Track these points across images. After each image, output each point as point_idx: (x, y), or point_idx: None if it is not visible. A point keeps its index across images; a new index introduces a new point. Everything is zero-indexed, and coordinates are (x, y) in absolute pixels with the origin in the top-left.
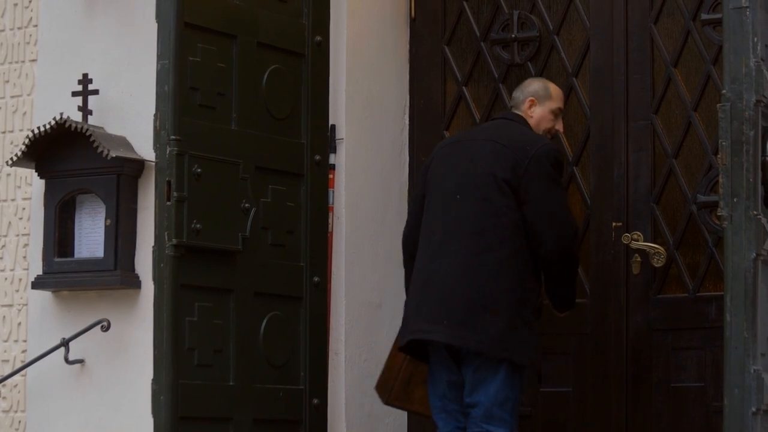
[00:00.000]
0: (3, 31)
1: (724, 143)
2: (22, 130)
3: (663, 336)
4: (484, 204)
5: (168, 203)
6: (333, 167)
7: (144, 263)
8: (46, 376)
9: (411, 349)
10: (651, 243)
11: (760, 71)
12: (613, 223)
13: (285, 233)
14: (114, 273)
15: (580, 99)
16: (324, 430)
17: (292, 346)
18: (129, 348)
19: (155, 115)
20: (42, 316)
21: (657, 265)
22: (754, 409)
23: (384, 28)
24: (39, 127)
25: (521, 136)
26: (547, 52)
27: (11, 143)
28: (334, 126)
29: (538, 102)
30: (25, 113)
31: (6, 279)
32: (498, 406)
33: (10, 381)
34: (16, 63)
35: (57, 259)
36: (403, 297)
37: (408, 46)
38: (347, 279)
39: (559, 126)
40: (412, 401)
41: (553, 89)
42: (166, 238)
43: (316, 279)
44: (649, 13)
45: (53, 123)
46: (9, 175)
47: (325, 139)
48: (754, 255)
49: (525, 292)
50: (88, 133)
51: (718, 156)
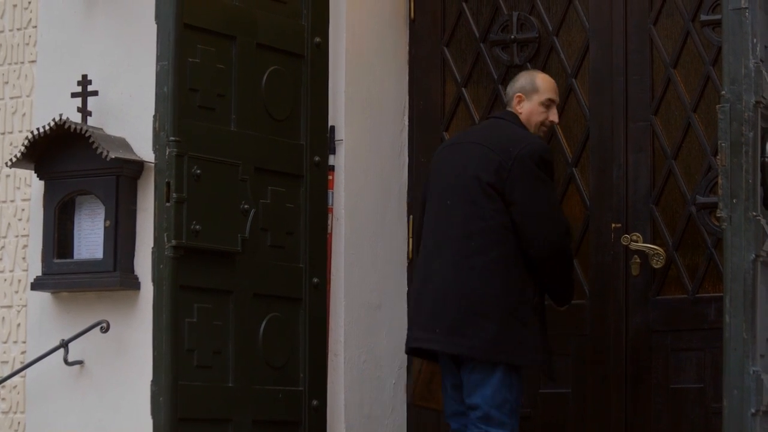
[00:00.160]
0: (2, 32)
1: (723, 144)
2: (21, 132)
3: (662, 337)
4: (472, 208)
5: (167, 204)
6: (332, 168)
7: (143, 264)
8: (45, 377)
9: (419, 353)
10: (650, 244)
11: (759, 72)
12: (613, 224)
13: (284, 234)
14: (113, 274)
15: (579, 100)
16: (323, 431)
17: (292, 347)
18: (128, 349)
19: (154, 116)
20: (41, 318)
21: (656, 267)
22: (753, 410)
23: (383, 29)
24: (38, 129)
25: (506, 137)
26: (546, 54)
27: (11, 144)
28: (333, 127)
29: (525, 97)
30: (24, 114)
31: (5, 280)
32: (496, 409)
33: (9, 382)
34: (16, 64)
35: (56, 261)
36: (403, 298)
37: (407, 47)
38: (346, 280)
39: (553, 117)
40: (436, 400)
41: (541, 81)
42: (166, 239)
43: (316, 280)
44: (648, 14)
45: (52, 124)
46: (8, 176)
47: (325, 140)
48: (754, 256)
49: (519, 293)
50: (87, 135)
51: (718, 157)
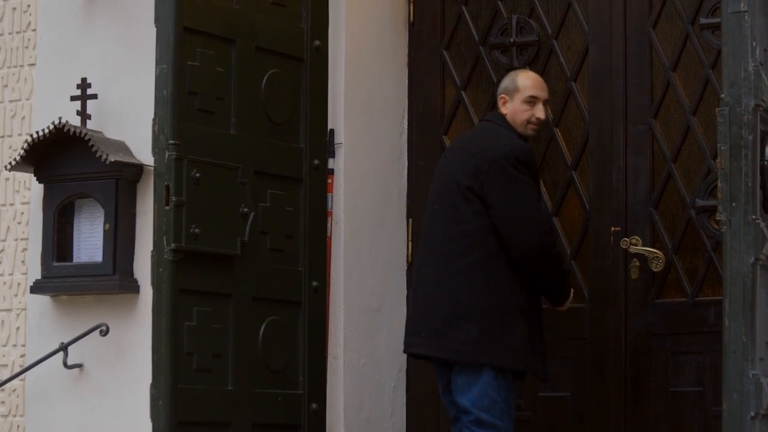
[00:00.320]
0: (2, 35)
1: (722, 147)
2: (20, 135)
3: (662, 340)
4: (453, 212)
5: (167, 208)
6: (332, 172)
7: (143, 268)
8: (44, 380)
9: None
10: (650, 247)
11: (758, 75)
12: (612, 228)
13: (284, 238)
14: (113, 277)
15: (578, 103)
16: None
17: (291, 350)
18: (128, 352)
19: (154, 119)
20: (41, 321)
21: (656, 270)
22: (752, 413)
23: (383, 32)
24: (38, 132)
25: (486, 140)
26: (545, 57)
27: (10, 148)
28: (332, 130)
29: (508, 97)
30: (23, 117)
31: (5, 283)
32: (486, 412)
33: (8, 385)
34: (15, 67)
35: (56, 264)
36: (402, 301)
37: (407, 51)
38: (346, 283)
39: (538, 113)
40: None
41: (522, 79)
42: (165, 242)
43: (315, 283)
44: (647, 17)
45: (52, 127)
46: (8, 179)
47: (324, 143)
48: (753, 259)
49: (501, 294)
50: (86, 138)
51: (717, 160)
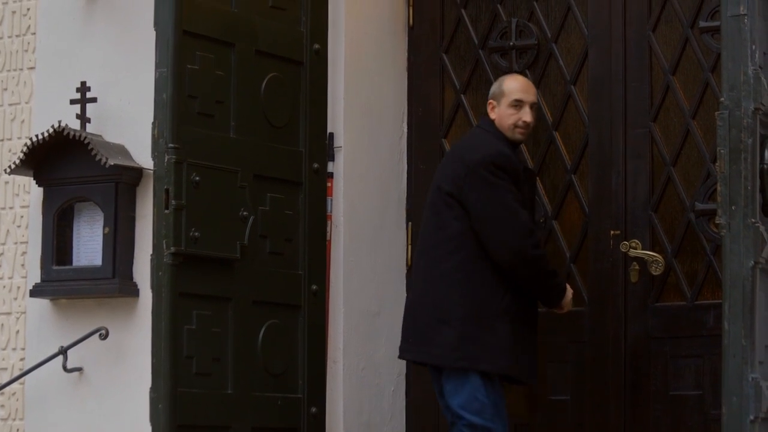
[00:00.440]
0: (1, 38)
1: (722, 151)
2: (20, 138)
3: (661, 344)
4: (436, 218)
5: (166, 211)
6: (331, 175)
7: (142, 271)
8: (44, 384)
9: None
10: (649, 251)
11: (758, 79)
12: (611, 231)
13: (283, 241)
14: (112, 281)
15: (578, 107)
16: None
17: (291, 354)
18: (127, 356)
19: (153, 123)
20: (40, 324)
21: (655, 273)
22: (752, 417)
23: (382, 35)
24: (37, 135)
25: (468, 146)
26: (545, 60)
27: (9, 151)
28: (332, 134)
29: (495, 102)
30: (23, 121)
31: (4, 287)
32: (477, 416)
33: (8, 389)
34: (15, 71)
35: (55, 267)
36: (402, 305)
37: (406, 54)
38: (345, 287)
39: (525, 117)
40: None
41: (508, 83)
42: (165, 246)
43: (315, 287)
44: (647, 20)
45: (51, 131)
46: (7, 182)
47: (324, 147)
48: (753, 263)
49: (482, 298)
50: (86, 141)
51: (717, 164)
